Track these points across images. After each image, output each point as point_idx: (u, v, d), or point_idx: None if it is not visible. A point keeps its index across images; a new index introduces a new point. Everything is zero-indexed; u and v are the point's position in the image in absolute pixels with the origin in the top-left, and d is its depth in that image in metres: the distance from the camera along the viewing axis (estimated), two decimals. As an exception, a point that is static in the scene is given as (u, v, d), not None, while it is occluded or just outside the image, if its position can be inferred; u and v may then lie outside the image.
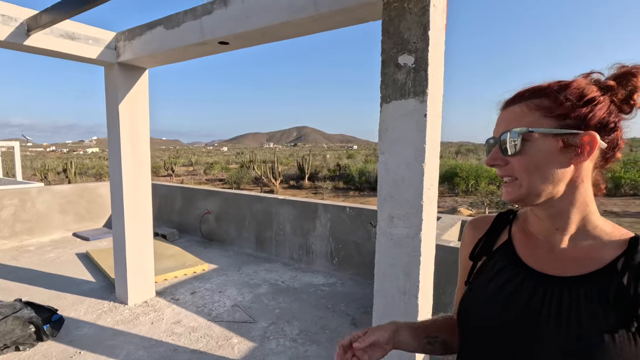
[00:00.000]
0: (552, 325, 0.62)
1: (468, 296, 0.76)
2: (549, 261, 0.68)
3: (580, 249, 0.66)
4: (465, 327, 0.75)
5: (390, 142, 1.89)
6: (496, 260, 0.75)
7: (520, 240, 0.75)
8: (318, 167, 34.41)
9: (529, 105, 0.66)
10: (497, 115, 0.72)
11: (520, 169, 0.66)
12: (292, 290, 4.00)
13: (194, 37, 2.69)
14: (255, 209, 5.22)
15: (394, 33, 1.85)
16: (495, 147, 0.69)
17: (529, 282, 0.68)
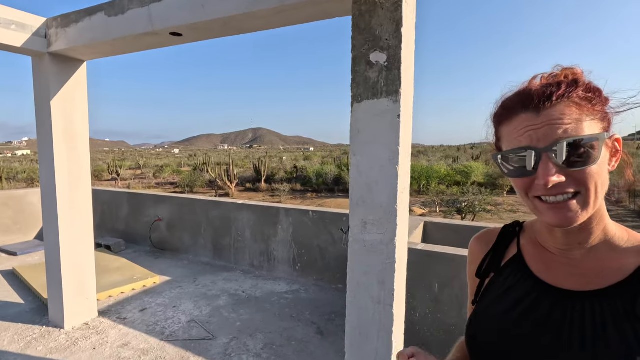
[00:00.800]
0: (575, 347, 0.55)
1: (476, 319, 0.69)
2: (567, 275, 0.61)
3: (599, 260, 0.60)
4: (478, 353, 0.67)
5: (362, 144, 1.80)
6: (506, 277, 0.68)
7: (531, 253, 0.68)
8: (275, 169, 34.01)
9: (577, 105, 0.55)
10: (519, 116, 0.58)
11: (588, 182, 0.54)
12: (253, 300, 3.79)
13: (142, 26, 2.41)
14: (212, 215, 4.91)
15: (364, 29, 1.76)
16: (544, 159, 0.54)
17: (545, 299, 0.61)
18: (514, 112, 0.58)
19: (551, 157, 0.54)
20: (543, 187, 0.55)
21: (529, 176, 0.57)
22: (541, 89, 0.57)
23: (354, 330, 1.90)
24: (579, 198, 0.55)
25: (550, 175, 0.54)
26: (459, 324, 2.57)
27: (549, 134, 0.54)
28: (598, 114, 0.56)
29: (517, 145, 0.57)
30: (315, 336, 3.10)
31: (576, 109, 0.55)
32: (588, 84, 0.57)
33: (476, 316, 0.69)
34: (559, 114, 0.54)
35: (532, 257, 0.67)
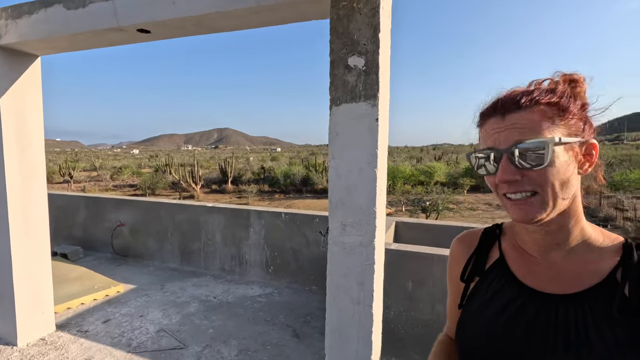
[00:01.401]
0: (560, 350, 0.58)
1: (465, 324, 0.71)
2: (549, 279, 0.64)
3: (578, 262, 0.63)
4: (467, 355, 0.70)
5: (341, 147, 1.81)
6: (490, 281, 0.70)
7: (513, 257, 0.70)
8: (241, 170, 33.40)
9: (540, 112, 0.59)
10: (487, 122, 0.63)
11: (546, 182, 0.58)
12: (226, 305, 3.69)
13: (106, 21, 2.28)
14: (179, 219, 4.73)
15: (343, 33, 1.77)
16: (504, 159, 0.59)
17: (530, 304, 0.63)
18: (487, 116, 0.64)
19: (510, 158, 0.59)
20: (505, 185, 0.60)
21: (493, 174, 0.62)
22: (510, 96, 0.62)
23: (334, 332, 1.91)
24: (537, 197, 0.59)
25: (505, 173, 0.59)
26: (432, 320, 2.66)
27: (509, 137, 0.59)
28: (563, 120, 0.59)
29: (485, 146, 0.63)
30: (291, 339, 3.08)
31: (538, 116, 0.59)
32: (562, 92, 0.61)
33: (465, 321, 0.71)
34: (519, 120, 0.59)
35: (514, 261, 0.70)
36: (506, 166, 0.59)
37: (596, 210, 16.18)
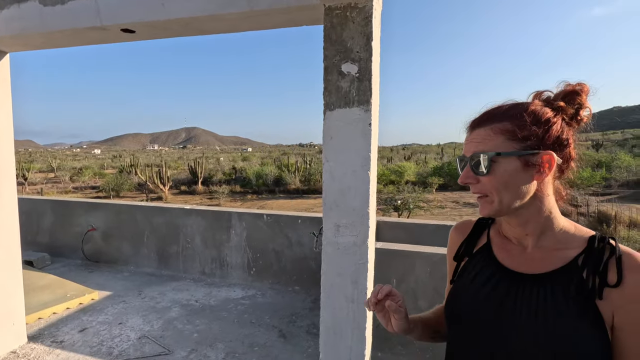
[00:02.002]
0: (524, 317, 0.70)
1: (453, 294, 0.84)
2: (522, 261, 0.76)
3: (548, 249, 0.74)
4: (452, 322, 0.83)
5: (335, 150, 1.87)
6: (477, 261, 0.83)
7: (497, 243, 0.83)
8: (212, 170, 32.66)
9: (494, 129, 0.72)
10: (466, 135, 0.78)
11: (491, 187, 0.72)
12: (208, 308, 3.65)
13: (87, 19, 2.20)
14: (156, 222, 4.60)
15: (336, 40, 1.84)
16: (467, 166, 0.75)
17: (504, 281, 0.76)
18: (466, 129, 0.79)
19: (469, 165, 0.74)
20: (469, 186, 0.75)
21: None
22: (479, 116, 0.76)
23: (328, 330, 1.97)
24: (487, 198, 0.73)
25: (463, 177, 0.75)
26: (415, 315, 2.78)
27: (470, 148, 0.75)
28: (513, 136, 0.71)
29: (460, 155, 0.78)
30: (278, 340, 3.10)
31: (491, 133, 0.72)
32: (528, 111, 0.71)
33: (454, 293, 0.84)
34: (477, 135, 0.74)
35: (497, 246, 0.82)
36: (466, 172, 0.75)
37: (553, 207, 17.29)
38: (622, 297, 0.64)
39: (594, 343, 0.64)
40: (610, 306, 0.64)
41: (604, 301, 0.65)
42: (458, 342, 0.82)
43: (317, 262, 4.03)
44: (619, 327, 0.64)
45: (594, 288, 0.66)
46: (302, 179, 27.27)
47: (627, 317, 0.63)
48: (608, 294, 0.65)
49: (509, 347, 0.70)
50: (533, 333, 0.67)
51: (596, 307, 0.65)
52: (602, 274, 0.66)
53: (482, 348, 0.75)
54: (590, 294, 0.65)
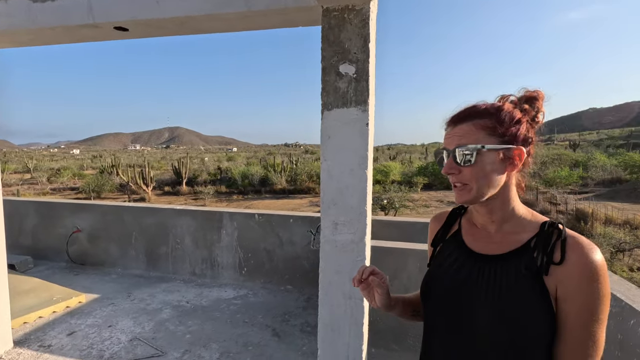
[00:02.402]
0: (484, 291, 0.81)
1: (427, 275, 0.96)
2: (486, 244, 0.87)
3: (508, 233, 0.85)
4: (426, 298, 0.93)
5: (333, 149, 1.90)
6: (448, 246, 0.95)
7: (466, 229, 0.94)
8: (196, 170, 32.22)
9: (476, 124, 0.82)
10: (446, 130, 0.86)
11: (471, 177, 0.81)
12: (200, 309, 3.63)
13: (79, 17, 2.17)
14: (145, 223, 4.53)
15: (334, 41, 1.87)
16: (449, 158, 0.83)
17: (470, 261, 0.87)
18: (447, 124, 0.87)
19: (452, 156, 0.82)
20: (450, 176, 0.82)
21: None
22: (460, 112, 0.85)
23: (326, 327, 2.00)
24: (467, 187, 0.81)
25: (446, 167, 0.82)
26: (407, 311, 2.84)
27: (453, 141, 0.82)
28: (495, 132, 0.80)
29: (441, 147, 0.87)
30: (272, 339, 3.11)
31: (474, 128, 0.81)
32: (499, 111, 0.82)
33: (428, 274, 0.95)
34: (460, 130, 0.82)
35: (466, 232, 0.93)
36: (449, 162, 0.83)
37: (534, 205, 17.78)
38: (564, 272, 0.74)
39: (541, 312, 0.74)
40: (555, 281, 0.75)
41: (550, 277, 0.75)
42: (431, 317, 0.91)
43: (310, 261, 4.06)
44: (561, 298, 0.74)
45: (542, 266, 0.76)
46: (288, 179, 27.20)
47: (566, 289, 0.74)
48: (553, 270, 0.75)
49: (472, 317, 0.80)
50: (491, 305, 0.78)
51: (543, 282, 0.75)
52: (549, 253, 0.76)
53: (450, 320, 0.85)
54: (539, 271, 0.76)
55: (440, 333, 0.88)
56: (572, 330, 0.74)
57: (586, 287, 0.72)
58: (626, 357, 1.75)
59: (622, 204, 17.14)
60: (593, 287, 0.72)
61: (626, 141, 59.76)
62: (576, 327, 0.73)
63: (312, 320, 3.43)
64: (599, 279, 0.72)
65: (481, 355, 0.80)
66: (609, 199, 18.90)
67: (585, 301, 0.72)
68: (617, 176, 23.39)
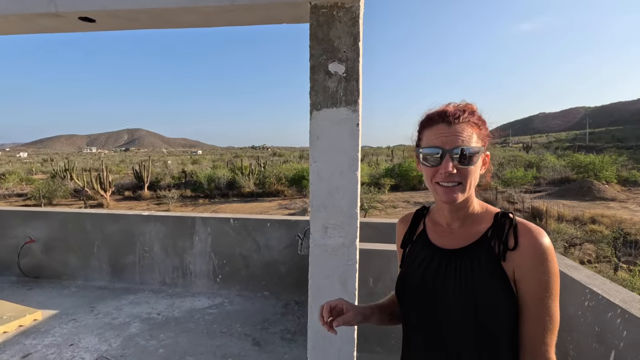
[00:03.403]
0: (451, 282, 0.87)
1: (400, 278, 1.00)
2: (450, 240, 0.94)
3: (468, 228, 0.92)
4: (401, 297, 0.98)
5: (322, 151, 1.84)
6: (416, 246, 1.00)
7: (431, 228, 1.00)
8: (159, 174, 30.88)
9: (471, 125, 0.87)
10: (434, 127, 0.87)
11: (467, 177, 0.85)
12: (173, 321, 3.41)
13: (40, 4, 1.96)
14: (109, 231, 4.22)
15: (323, 39, 1.81)
16: (447, 157, 0.84)
17: (437, 257, 0.93)
18: (435, 122, 0.88)
19: (451, 156, 0.84)
20: (443, 175, 0.85)
21: (435, 166, 0.86)
22: (454, 110, 0.88)
23: (317, 335, 1.92)
24: (460, 186, 0.85)
25: (448, 167, 0.84)
26: (391, 313, 2.83)
27: (453, 141, 0.85)
28: (481, 135, 0.88)
29: (432, 145, 0.87)
30: (252, 348, 2.99)
31: (471, 129, 0.87)
32: (479, 115, 0.90)
33: (400, 275, 1.01)
34: (461, 129, 0.85)
35: (431, 230, 0.99)
36: (449, 162, 0.84)
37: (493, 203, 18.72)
38: (519, 256, 0.82)
39: (504, 295, 0.82)
40: (512, 265, 0.82)
41: (507, 262, 0.83)
42: (407, 314, 0.96)
43: (287, 265, 3.97)
44: (518, 280, 0.82)
45: (499, 253, 0.84)
46: (256, 182, 26.77)
47: (522, 271, 0.82)
48: (509, 256, 0.83)
49: (445, 309, 0.86)
50: (460, 295, 0.84)
51: (502, 267, 0.83)
52: (504, 241, 0.84)
53: (425, 314, 0.90)
54: (497, 258, 0.84)
55: (416, 328, 0.93)
56: (530, 307, 0.81)
57: (539, 266, 0.80)
58: (604, 349, 1.83)
59: (571, 202, 18.47)
60: (544, 266, 0.80)
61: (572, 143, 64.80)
62: (533, 304, 0.81)
63: (292, 326, 3.34)
64: (548, 258, 0.80)
65: (455, 344, 0.86)
66: (560, 197, 20.30)
67: (539, 279, 0.80)
68: (566, 176, 25.20)
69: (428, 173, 0.89)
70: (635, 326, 1.68)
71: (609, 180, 22.52)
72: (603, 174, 22.91)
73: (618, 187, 21.99)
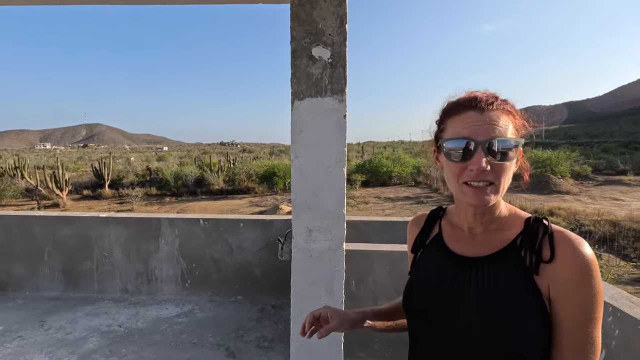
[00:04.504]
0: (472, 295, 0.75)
1: (409, 285, 0.89)
2: (469, 247, 0.81)
3: (493, 233, 0.80)
4: (409, 308, 0.86)
5: (305, 145, 1.66)
6: (430, 251, 0.89)
7: (448, 232, 0.88)
8: (122, 172, 29.29)
9: (506, 113, 0.74)
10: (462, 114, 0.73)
11: (503, 175, 0.72)
12: (137, 333, 3.11)
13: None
14: (61, 235, 3.80)
15: (305, 20, 1.62)
16: (479, 150, 0.70)
17: (453, 266, 0.81)
18: (463, 108, 0.74)
19: (484, 149, 0.70)
20: (474, 173, 0.71)
21: (464, 162, 0.72)
22: (486, 96, 0.74)
23: (301, 349, 1.75)
24: (492, 187, 0.72)
25: (481, 163, 0.69)
26: (374, 316, 2.71)
27: (488, 131, 0.71)
28: (517, 125, 0.75)
29: (460, 136, 0.72)
30: (227, 359, 2.76)
31: (507, 117, 0.73)
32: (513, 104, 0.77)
33: (410, 283, 0.89)
34: (496, 117, 0.72)
35: (448, 235, 0.87)
36: (482, 155, 0.70)
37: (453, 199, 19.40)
38: (555, 270, 0.69)
39: (535, 315, 0.69)
40: (546, 280, 0.70)
41: (541, 276, 0.70)
42: (416, 327, 0.86)
43: (262, 267, 3.75)
44: (554, 299, 0.69)
45: (532, 265, 0.71)
46: (226, 179, 26.07)
47: (560, 289, 0.69)
48: (543, 269, 0.70)
49: (460, 325, 0.75)
50: (480, 310, 0.72)
51: (534, 282, 0.70)
52: (537, 251, 0.71)
53: (437, 329, 0.79)
54: (528, 270, 0.71)
55: (426, 344, 0.82)
56: (569, 333, 0.69)
57: (579, 284, 0.67)
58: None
59: (531, 195, 19.44)
60: (587, 285, 0.67)
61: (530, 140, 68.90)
62: (572, 329, 0.68)
63: (269, 333, 3.15)
64: (592, 274, 0.67)
65: None
66: (521, 191, 21.34)
67: (579, 300, 0.68)
68: (526, 171, 26.60)
69: (453, 170, 0.74)
70: (628, 325, 1.64)
71: (564, 174, 23.93)
72: (559, 168, 24.34)
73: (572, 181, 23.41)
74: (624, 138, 48.54)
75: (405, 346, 0.90)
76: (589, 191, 19.93)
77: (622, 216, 10.68)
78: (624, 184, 19.29)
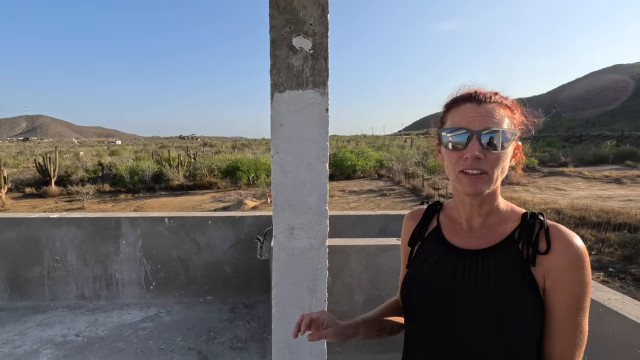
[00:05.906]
0: (471, 287, 0.77)
1: (409, 278, 0.89)
2: (468, 239, 0.83)
3: (491, 226, 0.82)
4: (408, 302, 0.87)
5: (286, 140, 1.59)
6: (428, 244, 0.90)
7: (446, 225, 0.89)
8: (70, 167, 27.23)
9: (503, 107, 0.77)
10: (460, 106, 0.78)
11: (495, 165, 0.74)
12: (97, 342, 2.88)
13: None
14: (4, 239, 3.42)
15: (285, 8, 1.54)
16: (474, 138, 0.73)
17: (453, 258, 0.82)
18: (462, 101, 0.78)
19: (479, 138, 0.73)
20: (469, 159, 0.74)
21: (460, 150, 0.75)
22: (484, 91, 0.78)
23: (283, 350, 1.69)
24: (486, 176, 0.75)
25: (474, 151, 0.73)
26: (350, 310, 2.71)
27: (483, 121, 0.74)
28: (514, 120, 0.79)
29: (457, 125, 0.76)
30: (199, 364, 2.65)
31: (504, 111, 0.77)
32: (514, 101, 0.81)
33: (409, 276, 0.89)
34: (492, 109, 0.76)
35: (446, 228, 0.89)
36: (476, 144, 0.73)
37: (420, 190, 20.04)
38: (551, 261, 0.73)
39: (532, 305, 0.73)
40: (542, 271, 0.74)
41: (537, 268, 0.74)
42: (414, 321, 0.86)
43: (232, 266, 3.63)
44: (549, 288, 0.73)
45: (529, 256, 0.75)
46: (186, 174, 25.07)
47: (555, 278, 0.73)
48: (540, 260, 0.74)
49: (460, 317, 0.77)
50: (480, 301, 0.75)
51: (531, 273, 0.74)
52: (534, 244, 0.75)
53: (436, 322, 0.80)
54: (526, 262, 0.75)
55: (425, 334, 0.83)
56: (561, 321, 0.73)
57: (573, 274, 0.72)
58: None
59: (486, 187, 20.66)
60: (580, 274, 0.72)
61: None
62: (564, 317, 0.72)
63: (242, 333, 3.06)
64: (584, 265, 0.72)
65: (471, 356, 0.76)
66: (477, 183, 22.58)
67: (573, 290, 0.72)
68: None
69: (451, 159, 0.78)
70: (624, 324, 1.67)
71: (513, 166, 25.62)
72: (509, 162, 26.02)
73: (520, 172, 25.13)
74: (564, 133, 52.86)
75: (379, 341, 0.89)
76: (536, 182, 21.46)
77: (564, 204, 11.60)
78: (566, 175, 20.96)
